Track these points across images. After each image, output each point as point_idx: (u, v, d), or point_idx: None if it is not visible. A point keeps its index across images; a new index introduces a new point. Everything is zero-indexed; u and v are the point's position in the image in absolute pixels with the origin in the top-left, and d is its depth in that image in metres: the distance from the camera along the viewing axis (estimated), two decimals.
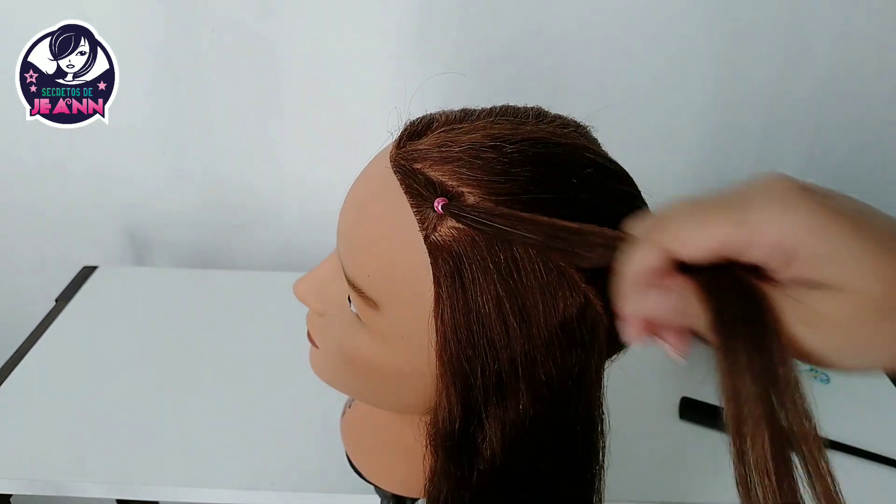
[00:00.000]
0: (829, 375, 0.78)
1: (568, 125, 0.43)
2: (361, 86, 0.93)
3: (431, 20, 0.88)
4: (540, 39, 0.89)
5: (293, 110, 0.96)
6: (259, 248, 1.08)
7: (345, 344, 0.47)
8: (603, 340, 0.41)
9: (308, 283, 0.49)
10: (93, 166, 1.01)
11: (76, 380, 0.77)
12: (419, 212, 0.39)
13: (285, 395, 0.75)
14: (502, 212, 0.37)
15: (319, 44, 0.90)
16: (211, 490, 0.65)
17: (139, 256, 1.10)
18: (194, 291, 0.93)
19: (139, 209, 1.05)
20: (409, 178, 0.40)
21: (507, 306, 0.38)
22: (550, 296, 0.38)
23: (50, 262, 1.08)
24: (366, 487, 0.60)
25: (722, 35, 0.88)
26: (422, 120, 0.43)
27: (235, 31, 0.90)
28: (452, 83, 0.71)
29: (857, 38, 0.89)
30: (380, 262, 0.41)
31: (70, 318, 0.87)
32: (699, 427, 0.71)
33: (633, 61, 0.90)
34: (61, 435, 0.70)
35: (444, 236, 0.39)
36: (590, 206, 0.39)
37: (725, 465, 0.29)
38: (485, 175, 0.38)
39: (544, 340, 0.38)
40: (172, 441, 0.70)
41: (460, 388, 0.40)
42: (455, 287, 0.39)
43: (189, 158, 1.00)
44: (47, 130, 0.75)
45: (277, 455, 0.68)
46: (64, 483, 0.66)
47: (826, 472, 0.29)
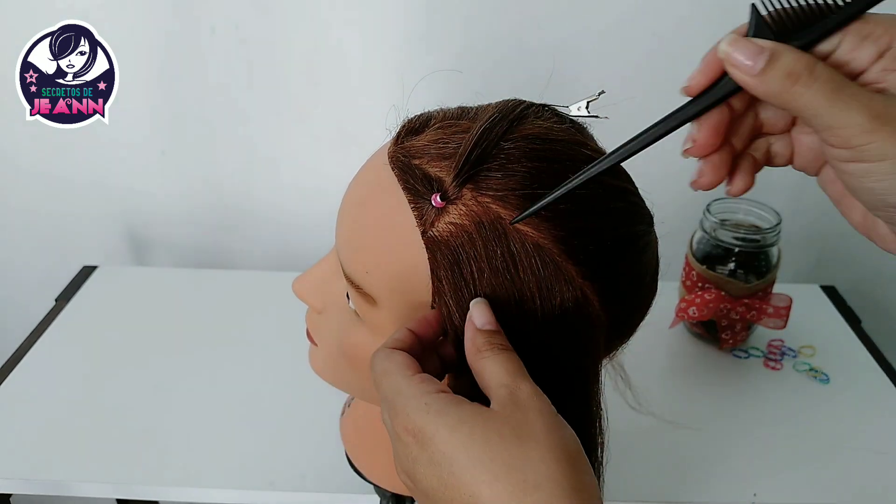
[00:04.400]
0: (829, 375, 0.78)
1: (564, 121, 0.43)
2: (361, 86, 0.93)
3: (431, 20, 0.88)
4: (539, 38, 0.89)
5: (293, 110, 0.96)
6: (259, 248, 1.08)
7: (344, 341, 0.47)
8: (600, 336, 0.41)
9: (307, 281, 0.49)
10: (93, 166, 1.01)
11: (76, 380, 0.77)
12: (417, 207, 0.39)
13: (285, 395, 0.75)
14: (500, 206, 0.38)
15: (319, 44, 0.90)
16: (211, 490, 0.65)
17: (139, 256, 1.10)
18: (194, 291, 0.93)
19: (139, 209, 1.05)
20: (406, 174, 0.40)
21: (504, 301, 0.38)
22: (547, 290, 0.38)
23: (50, 261, 1.08)
24: (365, 487, 0.60)
25: (722, 35, 0.88)
26: (419, 117, 0.43)
27: (235, 31, 0.90)
28: (450, 82, 0.71)
29: None
30: (378, 258, 0.41)
31: (70, 318, 0.87)
32: (699, 426, 0.71)
33: (633, 61, 0.90)
34: (61, 435, 0.70)
35: (442, 232, 0.39)
36: (586, 201, 0.39)
37: (725, 465, 0.29)
38: (483, 171, 0.39)
39: (541, 334, 0.39)
40: (172, 441, 0.70)
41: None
42: (452, 282, 0.39)
43: (189, 158, 1.00)
44: (47, 130, 0.75)
45: (277, 455, 0.68)
46: (64, 483, 0.66)
47: None
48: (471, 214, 0.38)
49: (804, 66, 0.31)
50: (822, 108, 0.30)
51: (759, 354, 0.82)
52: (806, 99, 0.31)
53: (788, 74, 0.31)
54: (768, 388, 0.77)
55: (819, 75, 0.30)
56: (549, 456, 0.32)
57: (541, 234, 0.38)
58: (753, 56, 0.31)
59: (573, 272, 0.39)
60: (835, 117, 0.30)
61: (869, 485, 0.66)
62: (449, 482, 0.32)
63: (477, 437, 0.32)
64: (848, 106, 0.30)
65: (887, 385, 0.78)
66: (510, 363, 0.35)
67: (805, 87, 0.30)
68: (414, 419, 0.34)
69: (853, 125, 0.30)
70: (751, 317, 0.78)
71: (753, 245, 0.77)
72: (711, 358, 0.82)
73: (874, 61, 0.31)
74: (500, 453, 0.32)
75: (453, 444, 0.32)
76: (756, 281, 0.77)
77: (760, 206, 0.79)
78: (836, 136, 0.31)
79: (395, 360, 0.37)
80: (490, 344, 0.36)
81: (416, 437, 0.34)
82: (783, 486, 0.66)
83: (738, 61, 0.32)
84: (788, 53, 0.31)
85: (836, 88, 0.30)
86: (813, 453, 0.69)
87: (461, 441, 0.32)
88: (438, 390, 0.35)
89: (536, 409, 0.33)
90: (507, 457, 0.32)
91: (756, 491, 0.64)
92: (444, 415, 0.33)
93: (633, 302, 0.44)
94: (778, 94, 0.31)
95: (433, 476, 0.33)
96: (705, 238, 0.79)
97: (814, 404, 0.75)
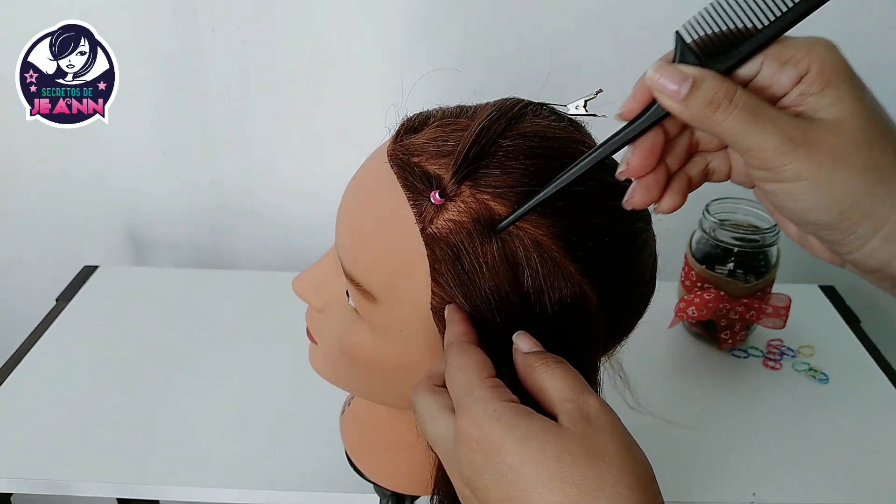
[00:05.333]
0: (828, 375, 0.78)
1: (562, 120, 0.43)
2: (361, 86, 0.93)
3: (431, 20, 0.88)
4: (538, 38, 0.89)
5: (293, 110, 0.96)
6: (259, 248, 1.08)
7: (344, 339, 0.47)
8: (599, 333, 0.41)
9: (307, 279, 0.49)
10: (93, 166, 1.01)
11: (76, 380, 0.77)
12: (416, 205, 0.40)
13: (285, 395, 0.75)
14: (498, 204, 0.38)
15: (319, 44, 0.90)
16: (211, 490, 0.65)
17: (139, 256, 1.10)
18: (194, 291, 0.93)
19: (139, 209, 1.05)
20: (405, 171, 0.40)
21: (503, 296, 0.38)
22: (546, 286, 0.39)
23: (50, 261, 1.08)
24: (365, 486, 0.60)
25: None
26: (418, 115, 0.43)
27: (235, 31, 0.90)
28: (449, 81, 0.71)
29: (857, 39, 0.89)
30: (377, 256, 0.42)
31: (70, 318, 0.87)
32: (698, 426, 0.71)
33: (631, 60, 0.90)
34: (61, 435, 0.70)
35: (441, 228, 0.39)
36: (584, 199, 0.39)
37: (724, 465, 0.29)
38: (481, 168, 0.39)
39: (540, 329, 0.39)
40: (172, 441, 0.70)
41: None
42: (452, 278, 0.39)
43: (189, 158, 1.00)
44: (47, 130, 0.75)
45: (277, 454, 0.68)
46: (64, 483, 0.66)
47: None
48: (469, 211, 0.39)
49: (724, 93, 0.32)
50: (741, 133, 0.32)
51: (758, 354, 0.82)
52: (726, 124, 0.32)
53: (710, 101, 0.32)
54: (767, 388, 0.77)
55: (738, 101, 0.32)
56: (622, 480, 0.31)
57: (539, 231, 0.38)
58: (678, 82, 0.32)
59: (572, 269, 0.39)
60: (752, 141, 0.32)
61: (868, 484, 0.66)
62: (514, 497, 0.31)
63: (549, 454, 0.31)
64: (764, 130, 0.31)
65: (886, 385, 0.78)
66: (570, 376, 0.35)
67: (725, 113, 0.32)
68: (481, 425, 0.33)
69: (769, 148, 0.31)
70: (750, 317, 0.78)
71: (752, 245, 0.77)
72: (711, 358, 0.82)
73: (794, 85, 0.32)
74: (572, 473, 0.31)
75: (522, 458, 0.31)
76: (755, 281, 0.77)
77: (759, 206, 0.79)
78: (755, 159, 0.32)
79: (472, 358, 0.36)
80: (542, 359, 0.35)
81: (481, 444, 0.33)
82: (782, 485, 0.66)
83: (664, 87, 0.33)
84: (710, 80, 0.32)
85: (753, 114, 0.32)
86: (812, 453, 0.69)
87: (531, 456, 0.31)
88: (509, 399, 0.34)
89: (609, 428, 0.33)
90: (579, 478, 0.31)
91: (755, 490, 0.64)
92: (513, 427, 0.32)
93: (631, 299, 0.45)
94: (701, 120, 0.32)
95: (496, 488, 0.32)
96: (704, 238, 0.80)
97: (813, 404, 0.75)
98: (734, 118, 0.32)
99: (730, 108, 0.32)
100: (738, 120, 0.32)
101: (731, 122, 0.32)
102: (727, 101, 0.32)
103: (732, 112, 0.32)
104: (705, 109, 0.32)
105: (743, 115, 0.32)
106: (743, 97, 0.32)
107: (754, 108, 0.32)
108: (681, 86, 0.32)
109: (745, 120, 0.32)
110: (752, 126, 0.32)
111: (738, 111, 0.32)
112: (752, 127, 0.32)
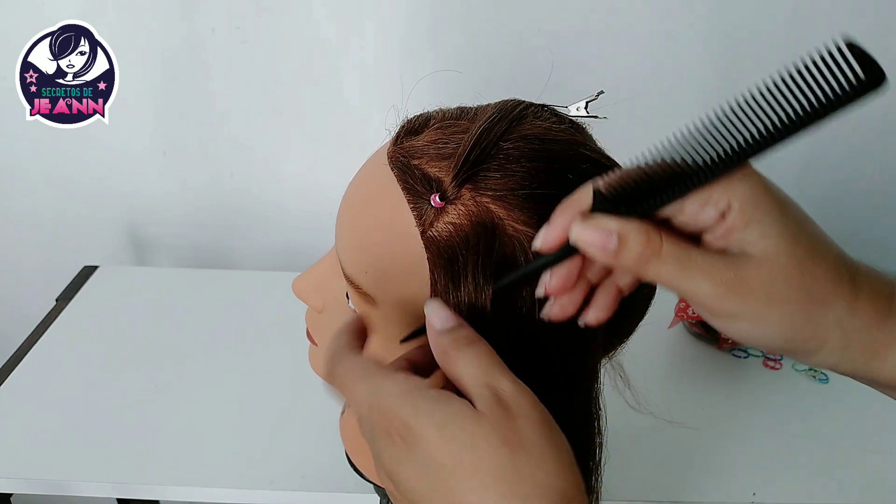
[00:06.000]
0: (828, 375, 0.78)
1: (563, 121, 0.43)
2: (361, 87, 0.93)
3: (431, 20, 0.88)
4: (539, 38, 0.89)
5: (293, 111, 0.96)
6: (259, 249, 1.08)
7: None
8: (599, 334, 0.41)
9: (306, 280, 0.49)
10: (93, 166, 1.01)
11: (76, 380, 0.77)
12: (416, 207, 0.39)
13: (285, 395, 0.75)
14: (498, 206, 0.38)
15: (319, 44, 0.90)
16: (211, 490, 0.65)
17: (139, 256, 1.10)
18: (194, 291, 0.93)
19: (139, 209, 1.05)
20: (406, 174, 0.40)
21: (503, 299, 0.38)
22: None
23: (50, 261, 1.08)
24: (365, 486, 0.60)
25: (722, 35, 0.88)
26: (419, 117, 0.43)
27: (235, 31, 0.90)
28: (450, 82, 0.71)
29: (856, 39, 0.89)
30: (377, 258, 0.41)
31: (70, 318, 0.87)
32: (698, 426, 0.71)
33: (633, 61, 0.90)
34: (61, 435, 0.70)
35: (441, 231, 0.39)
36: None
37: (724, 465, 0.29)
38: (481, 171, 0.39)
39: (539, 332, 0.39)
40: (172, 441, 0.70)
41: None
42: (451, 281, 0.39)
43: (189, 158, 1.00)
44: (47, 130, 0.75)
45: (277, 455, 0.68)
46: (64, 483, 0.66)
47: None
48: (470, 214, 0.38)
49: (652, 251, 0.32)
50: (674, 283, 0.33)
51: (758, 354, 0.82)
52: (658, 276, 0.33)
53: (638, 257, 0.32)
54: (768, 388, 0.77)
55: (665, 256, 0.32)
56: (542, 468, 0.31)
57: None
58: (604, 239, 0.32)
59: None
60: (685, 289, 0.33)
61: (868, 484, 0.66)
62: (437, 486, 0.31)
63: (465, 441, 0.31)
64: (695, 277, 0.32)
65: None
66: (482, 357, 0.34)
67: (655, 268, 0.32)
68: (402, 416, 0.32)
69: (703, 294, 0.32)
70: None
71: None
72: (711, 357, 0.82)
73: (716, 222, 0.32)
74: (486, 461, 0.31)
75: (440, 447, 0.31)
76: None
77: None
78: (693, 302, 0.33)
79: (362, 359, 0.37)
80: (455, 342, 0.35)
81: (402, 435, 0.32)
82: (782, 485, 0.66)
83: (592, 245, 0.33)
84: (635, 237, 0.32)
85: (682, 265, 0.32)
86: (812, 452, 0.69)
87: (447, 444, 0.31)
88: (428, 385, 0.33)
89: (524, 412, 0.32)
90: (496, 467, 0.30)
91: (755, 490, 0.64)
92: (431, 414, 0.32)
93: (631, 301, 0.45)
94: (634, 272, 0.33)
95: (418, 478, 0.32)
96: None
97: (813, 404, 0.75)
98: (665, 271, 0.32)
99: (659, 262, 0.32)
100: (670, 272, 0.32)
101: (664, 274, 0.32)
102: (655, 257, 0.32)
103: (662, 267, 0.32)
104: (635, 263, 0.32)
105: (673, 267, 0.32)
106: (669, 249, 0.32)
107: (682, 258, 0.32)
108: (607, 242, 0.32)
109: (676, 271, 0.32)
110: (682, 275, 0.32)
111: (666, 266, 0.32)
112: (683, 276, 0.32)
